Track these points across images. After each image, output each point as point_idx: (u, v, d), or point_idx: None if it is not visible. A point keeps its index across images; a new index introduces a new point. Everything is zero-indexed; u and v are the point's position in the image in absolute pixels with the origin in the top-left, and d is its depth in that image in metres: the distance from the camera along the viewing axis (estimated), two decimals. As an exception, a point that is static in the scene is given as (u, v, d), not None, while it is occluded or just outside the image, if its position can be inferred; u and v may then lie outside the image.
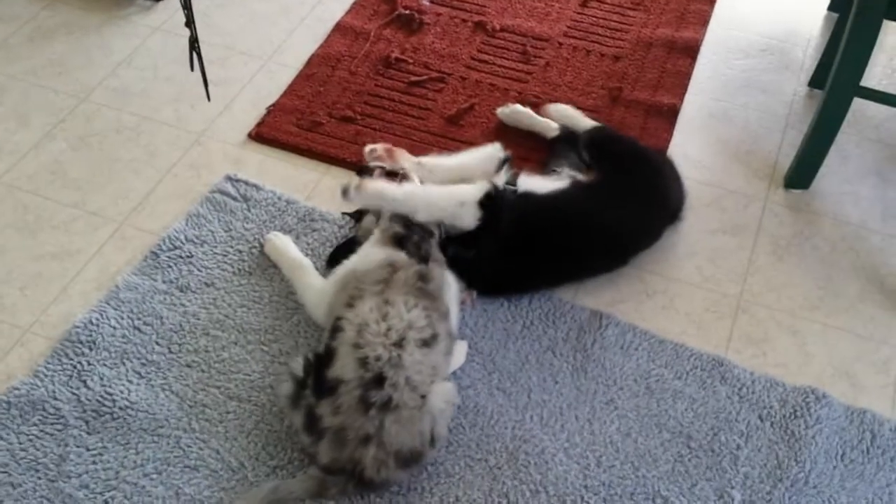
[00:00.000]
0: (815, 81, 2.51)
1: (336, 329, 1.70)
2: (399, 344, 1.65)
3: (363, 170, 2.00)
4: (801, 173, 2.25)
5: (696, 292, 2.02)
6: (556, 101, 2.40)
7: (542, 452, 1.76)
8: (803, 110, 2.46)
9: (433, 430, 1.65)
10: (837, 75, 2.05)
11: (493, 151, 2.04)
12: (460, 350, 1.87)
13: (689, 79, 2.55)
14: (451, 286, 1.84)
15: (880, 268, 2.11)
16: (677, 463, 1.75)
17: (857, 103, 2.12)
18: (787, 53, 2.66)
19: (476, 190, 1.91)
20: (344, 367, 1.64)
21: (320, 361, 1.67)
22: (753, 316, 2.00)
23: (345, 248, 1.96)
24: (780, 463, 1.76)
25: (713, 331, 1.96)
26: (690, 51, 2.63)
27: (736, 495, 1.71)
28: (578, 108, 2.38)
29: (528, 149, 2.30)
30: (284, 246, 2.02)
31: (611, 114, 2.42)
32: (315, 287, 1.90)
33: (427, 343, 1.68)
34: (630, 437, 1.79)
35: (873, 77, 2.55)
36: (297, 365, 1.70)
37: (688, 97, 2.50)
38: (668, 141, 2.37)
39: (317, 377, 1.66)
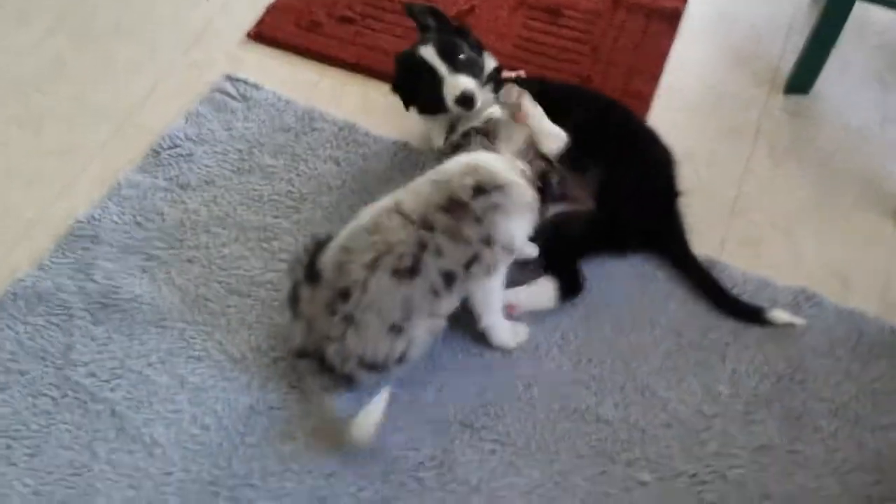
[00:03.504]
0: (820, -14, 2.47)
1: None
2: (371, 266, 1.61)
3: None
4: (802, 78, 2.24)
5: (692, 195, 2.03)
6: (557, 3, 2.40)
7: (535, 349, 1.80)
8: (806, 16, 2.43)
9: (405, 352, 1.64)
10: (841, -23, 2.03)
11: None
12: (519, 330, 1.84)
13: (691, -15, 2.52)
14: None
15: (878, 172, 2.12)
16: (667, 359, 1.80)
17: (860, 9, 2.10)
18: (794, -42, 2.62)
19: None
20: (327, 263, 1.64)
21: (319, 245, 1.69)
22: (748, 219, 2.02)
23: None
24: (768, 360, 1.80)
25: (708, 233, 1.98)
26: (695, -45, 2.59)
27: (723, 390, 1.76)
28: (579, 9, 2.38)
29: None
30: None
31: (612, 17, 2.40)
32: None
33: (400, 273, 1.61)
34: (622, 334, 1.83)
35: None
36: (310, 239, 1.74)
37: (691, 1, 2.47)
38: (669, 45, 2.35)
39: (311, 258, 1.67)
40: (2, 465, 1.61)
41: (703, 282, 1.89)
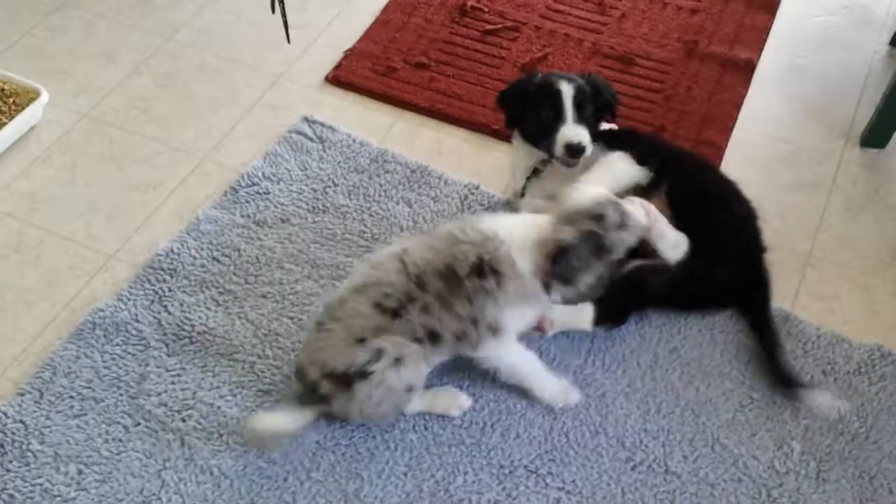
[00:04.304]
0: (897, 40, 2.46)
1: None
2: (356, 289, 1.64)
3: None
4: (878, 132, 2.21)
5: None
6: (630, 52, 2.41)
7: (602, 396, 1.79)
8: (883, 69, 2.41)
9: (367, 365, 1.58)
10: (922, 32, 2.02)
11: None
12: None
13: (767, 34, 2.52)
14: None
15: (956, 230, 2.08)
16: (738, 412, 1.77)
17: (941, 62, 2.09)
18: (869, 11, 2.60)
19: None
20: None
21: None
22: (822, 272, 2.00)
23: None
24: (842, 417, 1.76)
25: (781, 285, 1.95)
26: (770, 6, 2.59)
27: (795, 446, 1.72)
28: (652, 59, 2.39)
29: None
30: None
31: (685, 67, 2.40)
32: None
33: (382, 308, 1.60)
34: (692, 385, 1.81)
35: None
36: None
37: (765, 52, 2.47)
38: (743, 95, 2.35)
39: None
40: (73, 490, 1.64)
41: (766, 343, 1.85)
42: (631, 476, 1.68)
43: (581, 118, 1.88)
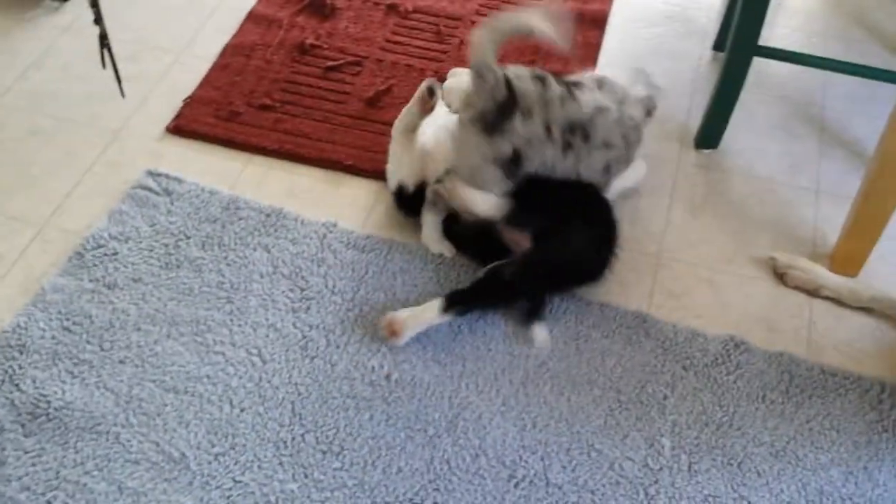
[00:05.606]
0: (719, 45, 2.59)
1: None
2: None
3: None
4: (709, 134, 2.33)
5: (618, 253, 2.09)
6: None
7: (479, 418, 1.81)
8: (709, 73, 2.55)
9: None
10: (736, 36, 2.14)
11: None
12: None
13: (599, 50, 2.62)
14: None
15: (790, 217, 2.20)
16: (609, 417, 1.82)
17: (760, 64, 2.21)
18: (691, 20, 2.75)
19: None
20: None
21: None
22: (672, 271, 2.08)
23: None
24: (706, 409, 1.83)
25: (635, 288, 2.03)
26: (599, 22, 2.70)
27: (665, 442, 1.78)
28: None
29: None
30: None
31: (525, 87, 2.47)
32: None
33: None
34: (563, 395, 1.85)
35: (775, 38, 2.66)
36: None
37: (599, 67, 2.57)
38: (582, 110, 2.43)
39: None
40: None
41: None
42: (514, 493, 1.70)
43: None
